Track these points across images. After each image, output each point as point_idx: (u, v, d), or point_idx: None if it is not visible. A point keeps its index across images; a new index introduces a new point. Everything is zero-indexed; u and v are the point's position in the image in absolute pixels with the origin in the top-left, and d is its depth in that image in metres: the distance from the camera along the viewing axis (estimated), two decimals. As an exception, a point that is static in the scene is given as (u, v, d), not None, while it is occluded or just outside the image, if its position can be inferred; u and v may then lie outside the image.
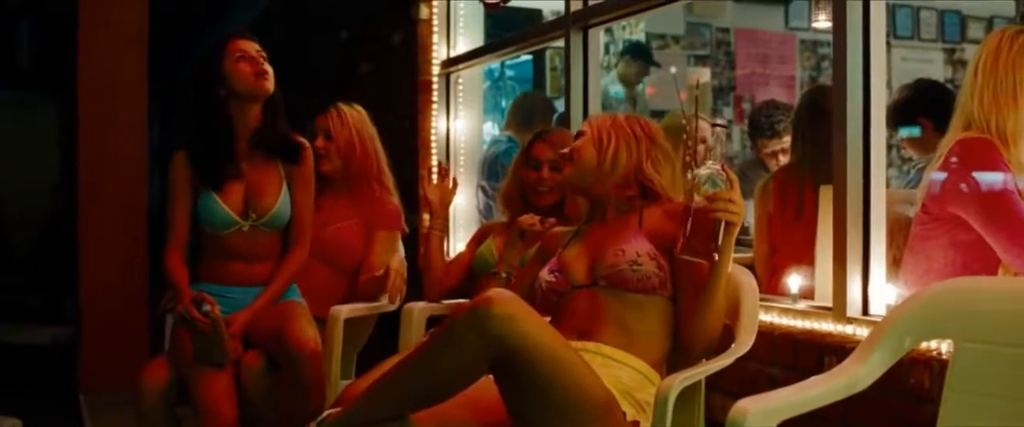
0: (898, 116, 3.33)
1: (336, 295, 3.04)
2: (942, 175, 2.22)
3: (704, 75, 6.49)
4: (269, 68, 2.71)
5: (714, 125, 2.09)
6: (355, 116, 3.16)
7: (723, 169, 1.90)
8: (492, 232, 3.03)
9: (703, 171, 1.89)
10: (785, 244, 2.87)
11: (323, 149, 3.09)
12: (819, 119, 2.89)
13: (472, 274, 2.99)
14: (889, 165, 2.91)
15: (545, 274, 2.21)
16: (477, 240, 3.09)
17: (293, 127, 2.83)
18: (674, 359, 2.10)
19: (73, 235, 4.80)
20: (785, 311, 2.44)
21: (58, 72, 6.24)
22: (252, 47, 2.71)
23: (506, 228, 2.91)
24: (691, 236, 1.89)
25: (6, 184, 8.90)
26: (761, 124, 3.80)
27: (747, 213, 3.83)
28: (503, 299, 1.78)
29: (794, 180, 2.93)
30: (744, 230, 3.76)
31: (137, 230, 4.71)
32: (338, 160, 3.12)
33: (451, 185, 3.09)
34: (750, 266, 2.40)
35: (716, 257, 1.92)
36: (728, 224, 1.88)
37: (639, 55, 5.65)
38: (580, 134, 2.27)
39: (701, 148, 3.99)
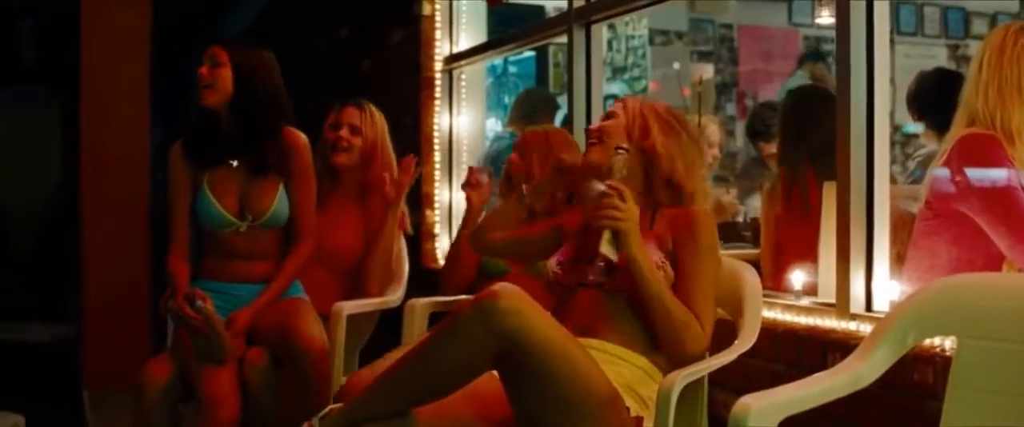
0: (918, 104, 3.33)
1: (336, 293, 3.04)
2: (946, 171, 2.21)
3: (707, 72, 6.48)
4: (215, 78, 2.67)
5: (617, 149, 2.07)
6: (382, 122, 3.17)
7: (610, 186, 1.94)
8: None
9: (591, 191, 1.95)
10: (792, 242, 2.87)
11: (346, 142, 3.09)
12: (804, 119, 2.93)
13: (480, 276, 2.96)
14: (892, 161, 2.91)
15: (553, 265, 2.18)
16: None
17: (294, 122, 2.81)
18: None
19: (75, 233, 4.80)
20: (788, 307, 2.43)
21: (60, 71, 6.24)
22: (210, 55, 2.69)
23: None
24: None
25: (8, 183, 8.89)
26: (757, 128, 3.83)
27: (751, 210, 3.85)
28: (508, 293, 1.77)
29: (799, 179, 2.93)
30: (746, 225, 3.77)
31: (139, 228, 4.72)
32: (357, 157, 3.11)
33: (486, 181, 3.06)
34: (755, 263, 2.39)
35: (614, 262, 1.95)
36: (616, 230, 1.92)
37: (822, 57, 6.04)
38: (611, 114, 2.15)
39: (710, 152, 4.00)
